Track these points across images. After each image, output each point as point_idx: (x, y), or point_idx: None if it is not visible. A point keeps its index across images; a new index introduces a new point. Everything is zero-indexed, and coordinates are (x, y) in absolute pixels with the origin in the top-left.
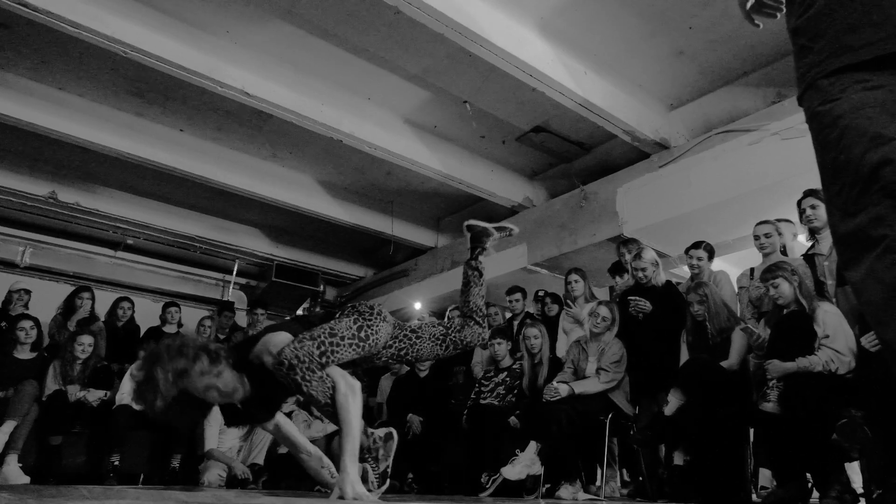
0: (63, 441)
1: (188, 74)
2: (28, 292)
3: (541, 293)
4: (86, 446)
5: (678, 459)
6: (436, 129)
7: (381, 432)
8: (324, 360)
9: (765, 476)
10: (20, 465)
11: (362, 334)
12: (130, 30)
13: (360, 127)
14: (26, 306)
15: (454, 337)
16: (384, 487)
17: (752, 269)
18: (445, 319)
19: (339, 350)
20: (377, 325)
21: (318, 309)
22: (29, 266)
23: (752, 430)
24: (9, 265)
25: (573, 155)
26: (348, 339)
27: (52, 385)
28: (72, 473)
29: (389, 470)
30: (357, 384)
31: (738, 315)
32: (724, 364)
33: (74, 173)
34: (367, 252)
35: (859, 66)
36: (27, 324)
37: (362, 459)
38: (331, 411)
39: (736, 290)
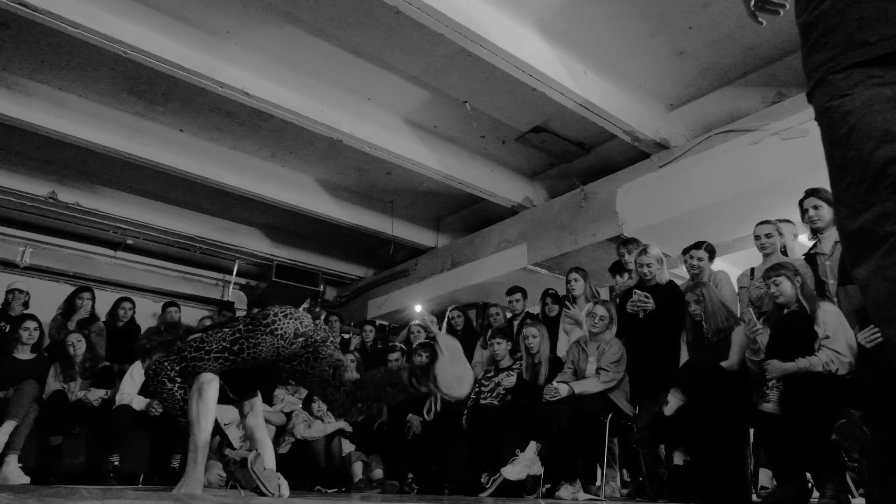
0: (63, 441)
1: (188, 74)
2: (22, 292)
3: (551, 291)
4: (86, 446)
5: (678, 459)
6: (436, 129)
7: (238, 455)
8: (183, 373)
9: (765, 476)
10: (20, 465)
11: (235, 347)
12: (130, 30)
13: (360, 127)
14: (25, 306)
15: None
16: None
17: (752, 269)
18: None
19: (202, 363)
20: (258, 338)
21: (318, 309)
22: (29, 266)
23: (752, 431)
24: (9, 265)
25: (573, 155)
26: (216, 352)
27: (53, 385)
28: (72, 473)
29: (264, 488)
30: (207, 389)
31: (738, 315)
32: (723, 364)
33: (74, 173)
34: (367, 252)
35: (872, 62)
36: (31, 324)
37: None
38: (182, 421)
39: (736, 290)
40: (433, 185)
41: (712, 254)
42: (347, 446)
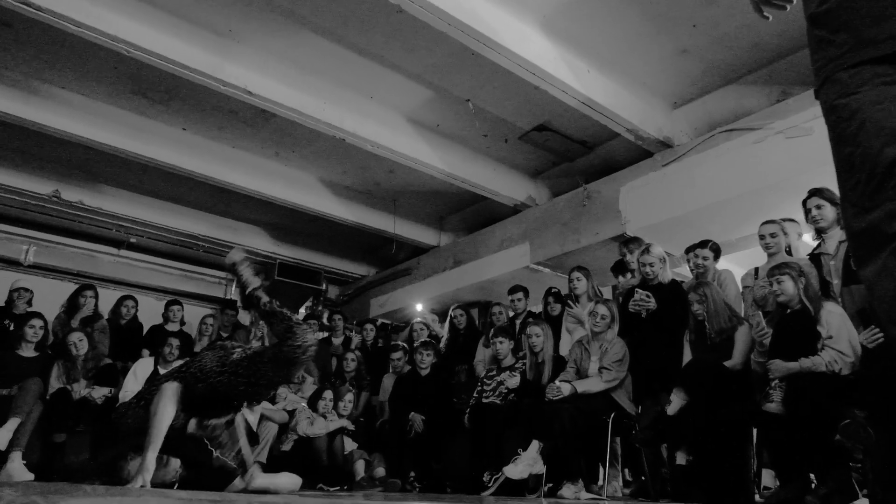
0: (67, 439)
1: (191, 73)
2: (27, 290)
3: (554, 290)
4: (89, 444)
5: (681, 459)
6: (438, 127)
7: (222, 420)
8: (143, 398)
9: (768, 476)
10: (24, 462)
11: (183, 368)
12: (133, 28)
13: (363, 125)
14: (29, 304)
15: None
16: (251, 470)
17: (756, 269)
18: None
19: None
20: (201, 355)
21: (319, 308)
22: (33, 264)
23: (755, 431)
24: (13, 263)
25: (576, 154)
26: (167, 375)
27: (55, 384)
28: (75, 471)
29: (245, 456)
30: (166, 390)
31: (742, 315)
32: (727, 364)
33: (78, 172)
34: (369, 251)
35: (880, 60)
36: (37, 322)
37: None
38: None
39: (740, 289)
40: (436, 183)
41: (717, 253)
42: (349, 444)
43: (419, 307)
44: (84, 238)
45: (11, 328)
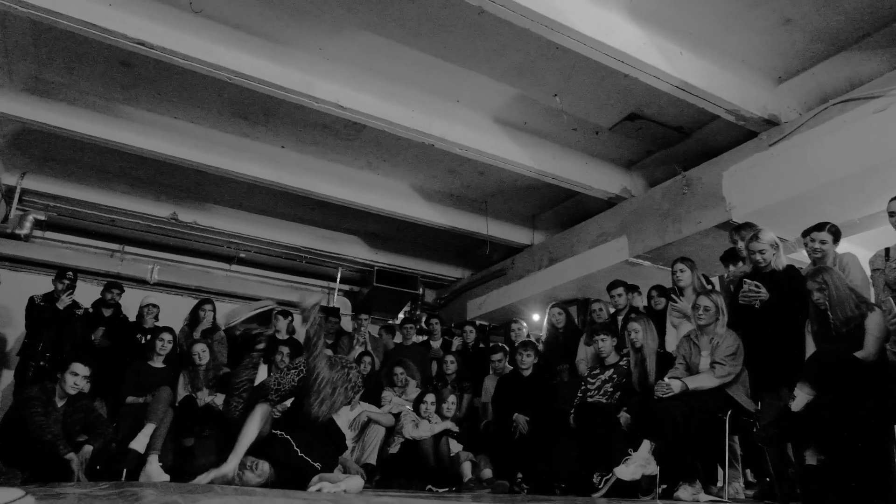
0: (195, 442)
1: (286, 93)
2: (155, 306)
3: (653, 293)
4: (215, 447)
5: (811, 459)
6: (526, 125)
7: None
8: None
9: None
10: (160, 464)
11: (271, 383)
12: (233, 56)
13: (450, 129)
14: (157, 318)
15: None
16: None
17: (886, 250)
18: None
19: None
20: (284, 373)
21: (418, 312)
22: (157, 282)
23: None
24: (140, 282)
25: (672, 141)
26: (271, 391)
27: (182, 392)
28: (205, 473)
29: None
30: (257, 409)
31: (872, 301)
32: (858, 355)
33: (191, 194)
34: (463, 253)
35: None
36: (166, 336)
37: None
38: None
39: (869, 273)
40: (526, 182)
41: (837, 235)
42: (455, 446)
43: (535, 317)
44: (199, 255)
45: (144, 342)
